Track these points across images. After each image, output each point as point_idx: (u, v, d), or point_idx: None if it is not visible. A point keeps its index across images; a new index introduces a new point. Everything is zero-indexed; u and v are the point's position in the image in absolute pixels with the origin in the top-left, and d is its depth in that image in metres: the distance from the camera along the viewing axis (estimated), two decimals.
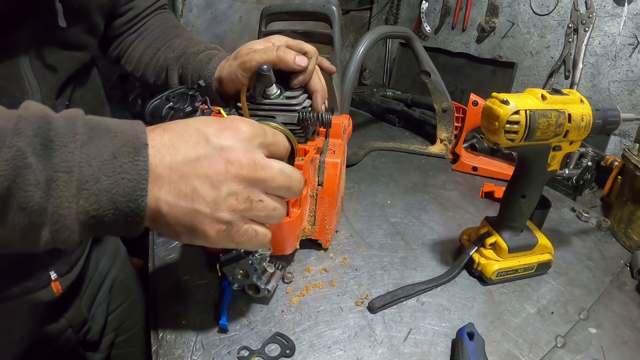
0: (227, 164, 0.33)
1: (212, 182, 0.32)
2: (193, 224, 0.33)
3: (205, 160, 0.32)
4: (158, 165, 0.31)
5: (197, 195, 0.32)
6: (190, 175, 0.32)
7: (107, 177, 0.29)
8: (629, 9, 0.94)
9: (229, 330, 0.50)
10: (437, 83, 1.05)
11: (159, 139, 0.32)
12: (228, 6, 1.17)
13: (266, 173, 0.35)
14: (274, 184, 0.35)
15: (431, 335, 0.52)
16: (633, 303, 0.60)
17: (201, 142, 0.33)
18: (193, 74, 0.60)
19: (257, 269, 0.52)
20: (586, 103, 0.54)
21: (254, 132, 0.35)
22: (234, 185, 0.33)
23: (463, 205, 0.85)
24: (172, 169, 0.31)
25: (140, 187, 0.30)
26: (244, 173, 0.33)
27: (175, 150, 0.32)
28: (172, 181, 0.31)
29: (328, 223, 0.62)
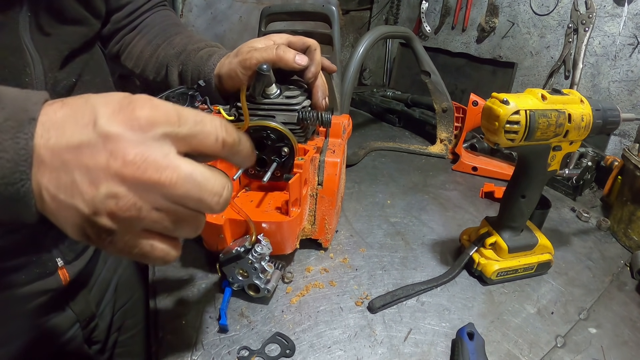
0: (109, 158, 0.26)
1: (92, 177, 0.26)
2: (74, 222, 0.27)
3: (87, 149, 0.26)
4: (42, 147, 0.26)
5: (76, 189, 0.26)
6: (71, 164, 0.26)
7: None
8: (629, 9, 0.94)
9: (229, 330, 0.50)
10: (437, 83, 1.05)
11: (52, 115, 0.27)
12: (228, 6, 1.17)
13: (162, 176, 0.26)
14: (176, 192, 0.27)
15: (431, 335, 0.52)
16: (633, 303, 0.60)
17: (88, 126, 0.26)
18: (193, 70, 0.59)
19: (257, 269, 0.52)
20: (586, 103, 0.54)
21: (154, 119, 0.27)
22: (115, 186, 0.26)
23: (463, 205, 0.85)
24: (54, 153, 0.26)
25: (18, 169, 0.26)
26: (128, 172, 0.26)
27: (63, 132, 0.26)
28: (53, 168, 0.26)
29: (328, 222, 0.62)
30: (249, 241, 0.52)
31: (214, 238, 0.55)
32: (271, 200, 0.60)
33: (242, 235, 0.56)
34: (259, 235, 0.53)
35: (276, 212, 0.56)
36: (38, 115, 0.27)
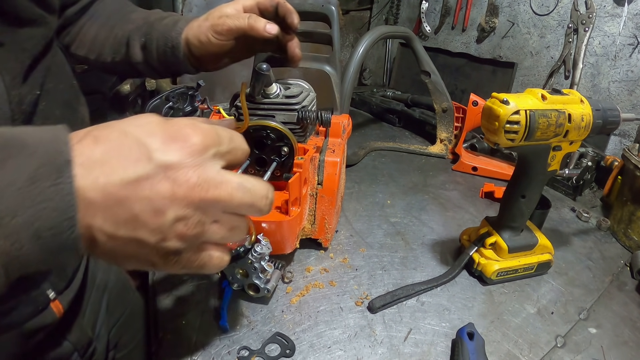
0: (173, 185, 0.27)
1: (156, 206, 0.27)
2: (137, 253, 0.28)
3: (147, 182, 0.27)
4: (89, 189, 0.25)
5: (139, 222, 0.27)
6: (130, 200, 0.26)
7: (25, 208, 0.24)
8: (629, 9, 0.94)
9: (229, 330, 0.50)
10: (437, 83, 1.05)
11: (88, 152, 0.26)
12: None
13: (221, 191, 0.29)
14: (233, 203, 0.30)
15: (431, 335, 0.52)
16: (633, 303, 0.60)
17: (142, 159, 0.27)
18: (158, 39, 0.56)
19: (257, 269, 0.52)
20: (586, 103, 0.54)
21: (207, 142, 0.29)
22: (182, 210, 0.28)
23: (463, 205, 0.85)
24: (107, 192, 0.26)
25: (67, 216, 0.25)
26: (194, 195, 0.28)
27: (111, 170, 0.26)
28: (107, 207, 0.26)
29: (328, 222, 0.62)
30: (249, 241, 0.51)
31: None
32: None
33: None
34: (259, 235, 0.53)
35: (276, 211, 0.56)
36: (72, 157, 0.25)
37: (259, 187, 0.31)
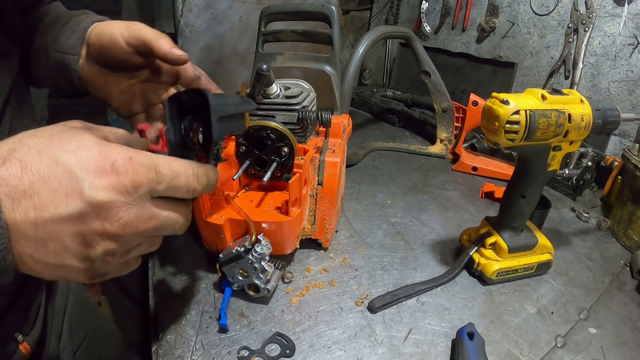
0: (104, 224, 0.28)
1: (87, 240, 0.28)
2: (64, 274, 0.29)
3: (78, 219, 0.27)
4: (21, 223, 0.25)
5: (69, 252, 0.28)
6: (61, 234, 0.27)
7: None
8: (629, 9, 0.94)
9: (229, 330, 0.50)
10: (437, 83, 1.05)
11: (15, 182, 0.25)
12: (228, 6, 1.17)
13: (149, 225, 0.30)
14: (157, 232, 0.32)
15: (431, 335, 0.52)
16: (633, 303, 0.60)
17: (73, 196, 0.26)
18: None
19: (257, 269, 0.52)
20: (586, 103, 0.54)
21: (140, 182, 0.29)
22: (111, 245, 0.29)
23: (463, 205, 0.85)
24: (39, 226, 0.26)
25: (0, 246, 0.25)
26: (124, 232, 0.29)
27: (41, 204, 0.26)
28: (38, 239, 0.26)
29: (328, 222, 0.62)
30: (249, 241, 0.52)
31: (214, 238, 0.55)
32: (271, 200, 0.60)
33: (242, 235, 0.56)
34: (259, 235, 0.53)
35: (276, 212, 0.56)
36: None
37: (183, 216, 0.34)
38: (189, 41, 1.12)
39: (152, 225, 0.31)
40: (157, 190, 0.30)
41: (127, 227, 0.29)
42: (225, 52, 1.17)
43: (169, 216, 0.32)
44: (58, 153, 0.26)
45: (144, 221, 0.30)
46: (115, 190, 0.28)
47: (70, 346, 0.64)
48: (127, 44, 0.44)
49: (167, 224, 0.32)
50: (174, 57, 0.44)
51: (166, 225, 0.32)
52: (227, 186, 0.59)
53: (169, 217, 0.32)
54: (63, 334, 0.62)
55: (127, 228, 0.29)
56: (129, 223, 0.29)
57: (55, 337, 0.60)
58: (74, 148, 0.27)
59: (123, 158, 0.28)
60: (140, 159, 0.29)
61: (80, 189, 0.26)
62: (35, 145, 0.26)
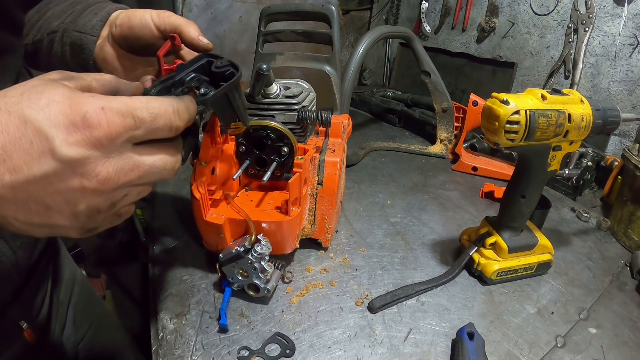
0: (82, 180, 0.27)
1: (68, 199, 0.27)
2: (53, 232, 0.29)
3: (54, 178, 0.26)
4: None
5: (53, 211, 0.27)
6: (40, 194, 0.26)
7: None
8: (629, 9, 0.94)
9: (229, 330, 0.50)
10: (437, 83, 1.05)
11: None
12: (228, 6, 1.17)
13: (132, 176, 0.29)
14: (144, 181, 0.31)
15: (431, 335, 0.52)
16: (633, 303, 0.60)
17: (45, 155, 0.25)
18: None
19: (257, 269, 0.52)
20: (586, 103, 0.54)
21: (113, 133, 0.27)
22: (94, 200, 0.28)
23: (463, 205, 0.85)
24: (16, 189, 0.25)
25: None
26: (105, 187, 0.28)
27: (15, 166, 0.25)
28: (18, 201, 0.26)
29: (328, 222, 0.62)
30: (249, 241, 0.52)
31: (214, 238, 0.55)
32: (271, 200, 0.60)
33: (242, 235, 0.56)
34: (259, 235, 0.53)
35: (276, 211, 0.56)
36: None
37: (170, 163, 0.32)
38: None
39: (136, 175, 0.29)
40: (137, 136, 0.29)
41: (107, 181, 0.28)
42: (225, 52, 1.17)
43: (153, 163, 0.31)
44: (27, 111, 0.25)
45: (126, 172, 0.29)
46: (89, 145, 0.26)
47: (74, 337, 0.65)
48: (157, 28, 0.45)
49: (153, 171, 0.31)
50: (201, 44, 0.45)
51: (152, 173, 0.31)
52: (227, 186, 0.59)
53: (153, 164, 0.31)
54: (67, 324, 0.63)
55: (107, 183, 0.28)
56: (108, 177, 0.27)
57: (60, 326, 0.61)
58: (44, 104, 0.26)
59: (95, 109, 0.26)
60: (114, 107, 0.27)
61: (51, 147, 0.25)
62: (5, 106, 0.25)
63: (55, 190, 0.26)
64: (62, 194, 0.27)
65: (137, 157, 0.29)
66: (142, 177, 0.30)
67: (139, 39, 0.46)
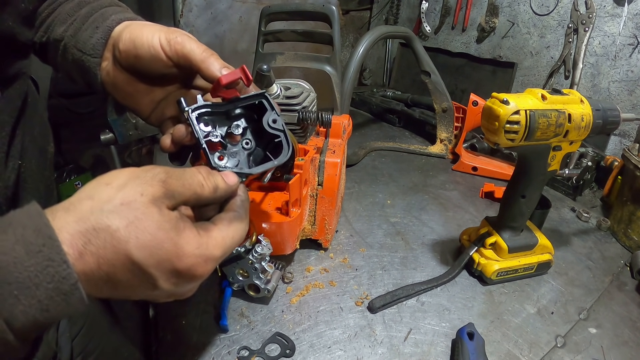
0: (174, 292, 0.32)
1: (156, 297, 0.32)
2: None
3: (152, 296, 0.31)
4: (94, 294, 0.28)
5: (137, 295, 0.31)
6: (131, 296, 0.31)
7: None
8: (629, 9, 0.94)
9: (229, 330, 0.50)
10: (437, 83, 1.05)
11: (94, 273, 0.27)
12: (228, 6, 1.17)
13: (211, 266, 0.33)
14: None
15: (431, 335, 0.52)
16: (633, 303, 0.60)
17: (148, 287, 0.29)
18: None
19: (257, 269, 0.52)
20: (586, 103, 0.54)
21: (208, 272, 0.33)
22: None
23: (463, 205, 0.85)
24: (113, 297, 0.30)
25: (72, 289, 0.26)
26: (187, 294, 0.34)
27: (117, 288, 0.29)
28: (110, 295, 0.30)
29: (328, 223, 0.62)
30: (250, 241, 0.52)
31: None
32: (271, 201, 0.60)
33: None
34: (259, 236, 0.53)
35: (276, 212, 0.56)
36: (79, 283, 0.26)
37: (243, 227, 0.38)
38: None
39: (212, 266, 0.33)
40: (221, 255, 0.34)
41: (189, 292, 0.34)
42: (225, 52, 1.17)
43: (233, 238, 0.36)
44: (134, 252, 0.27)
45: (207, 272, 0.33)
46: (189, 282, 0.31)
47: (69, 332, 0.64)
48: (168, 58, 0.39)
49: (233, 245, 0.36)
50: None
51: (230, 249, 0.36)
52: None
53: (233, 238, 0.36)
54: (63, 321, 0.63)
55: (189, 293, 0.34)
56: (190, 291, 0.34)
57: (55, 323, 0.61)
58: (151, 245, 0.28)
59: (198, 262, 0.30)
60: (214, 256, 0.32)
61: (154, 284, 0.29)
62: (111, 239, 0.27)
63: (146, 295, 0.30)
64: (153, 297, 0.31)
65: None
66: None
67: (150, 70, 0.41)
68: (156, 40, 0.39)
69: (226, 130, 0.40)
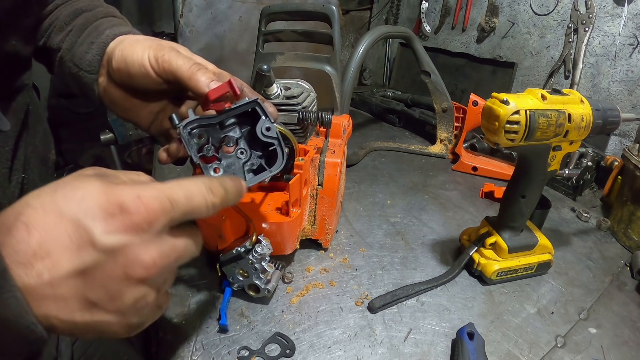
0: (125, 269, 0.26)
1: (112, 292, 0.26)
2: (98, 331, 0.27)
3: (96, 270, 0.25)
4: (36, 287, 0.24)
5: (96, 309, 0.26)
6: (81, 290, 0.25)
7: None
8: (629, 9, 0.94)
9: (229, 330, 0.50)
10: (437, 83, 1.05)
11: (23, 247, 0.24)
12: (228, 6, 1.17)
13: (172, 257, 0.29)
14: (179, 262, 0.30)
15: (431, 335, 0.52)
16: (633, 303, 0.60)
17: (85, 246, 0.25)
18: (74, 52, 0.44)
19: (257, 269, 0.52)
20: (586, 103, 0.54)
21: (152, 217, 0.27)
22: (139, 291, 0.27)
23: (463, 205, 0.85)
24: (55, 285, 0.24)
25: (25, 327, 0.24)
26: (150, 274, 0.27)
27: (53, 263, 0.24)
28: (59, 298, 0.25)
29: (328, 223, 0.62)
30: (250, 241, 0.52)
31: (214, 238, 0.55)
32: (271, 201, 0.60)
33: (243, 235, 0.56)
34: (259, 236, 0.53)
35: (276, 212, 0.56)
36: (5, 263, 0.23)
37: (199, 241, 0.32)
38: (189, 41, 1.12)
39: (174, 258, 0.29)
40: (176, 218, 0.29)
41: (151, 267, 0.27)
42: (225, 52, 1.17)
43: (186, 243, 0.30)
44: (62, 206, 0.25)
45: (166, 256, 0.28)
46: (129, 231, 0.26)
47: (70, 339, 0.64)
48: (157, 75, 0.40)
49: (186, 251, 0.30)
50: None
51: (185, 253, 0.30)
52: None
53: (186, 244, 0.30)
54: None
55: (151, 269, 0.27)
56: (152, 263, 0.27)
57: None
58: (79, 198, 0.25)
59: (131, 197, 0.26)
60: (149, 193, 0.27)
61: (90, 238, 0.25)
62: (40, 205, 0.25)
63: (97, 285, 0.25)
64: (105, 287, 0.26)
65: (172, 240, 0.29)
66: (177, 259, 0.30)
67: (143, 87, 0.42)
68: (146, 59, 0.40)
69: (220, 141, 0.41)
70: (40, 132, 0.46)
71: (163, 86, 0.42)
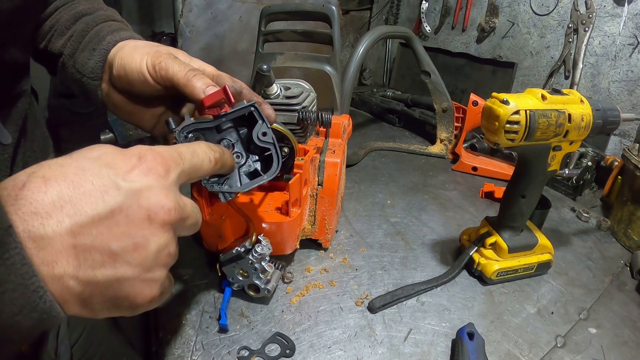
0: (148, 213, 0.26)
1: (135, 240, 0.25)
2: (118, 294, 0.26)
3: (121, 215, 0.24)
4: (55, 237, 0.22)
5: (119, 261, 0.25)
6: (105, 238, 0.24)
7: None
8: (629, 9, 0.94)
9: (229, 330, 0.50)
10: (437, 83, 1.05)
11: (41, 196, 0.22)
12: (228, 6, 1.17)
13: (184, 213, 0.29)
14: (188, 222, 0.30)
15: (431, 335, 0.52)
16: (633, 303, 0.60)
17: (109, 189, 0.24)
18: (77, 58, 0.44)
19: (257, 269, 0.52)
20: (586, 103, 0.54)
21: (168, 164, 0.28)
22: (161, 238, 0.27)
23: (463, 205, 0.85)
24: (77, 234, 0.23)
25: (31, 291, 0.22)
26: (171, 218, 0.27)
27: (75, 209, 0.23)
28: (80, 250, 0.23)
29: (328, 223, 0.62)
30: (249, 241, 0.52)
31: (214, 238, 0.55)
32: (271, 201, 0.60)
33: (243, 235, 0.56)
34: (259, 236, 0.53)
35: (276, 212, 0.56)
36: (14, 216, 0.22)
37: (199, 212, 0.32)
38: (189, 41, 1.12)
39: (186, 214, 0.29)
40: (185, 171, 0.30)
41: (172, 211, 0.27)
42: (225, 52, 1.17)
43: (192, 206, 0.31)
44: (82, 162, 0.25)
45: (181, 207, 0.28)
46: (150, 174, 0.26)
47: (68, 340, 0.64)
48: (156, 82, 0.41)
49: (193, 213, 0.30)
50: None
51: (192, 214, 0.30)
52: None
53: (192, 206, 0.31)
54: (61, 326, 0.62)
55: (172, 212, 0.27)
56: (173, 206, 0.27)
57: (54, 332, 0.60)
58: (96, 155, 0.26)
59: (146, 150, 0.28)
60: (159, 149, 0.29)
61: (115, 182, 0.25)
62: (56, 162, 0.25)
63: (121, 231, 0.25)
64: (129, 234, 0.25)
65: (183, 197, 0.30)
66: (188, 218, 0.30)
67: (143, 93, 0.43)
68: (144, 66, 0.40)
69: None
70: (39, 136, 0.46)
71: (162, 92, 0.42)
